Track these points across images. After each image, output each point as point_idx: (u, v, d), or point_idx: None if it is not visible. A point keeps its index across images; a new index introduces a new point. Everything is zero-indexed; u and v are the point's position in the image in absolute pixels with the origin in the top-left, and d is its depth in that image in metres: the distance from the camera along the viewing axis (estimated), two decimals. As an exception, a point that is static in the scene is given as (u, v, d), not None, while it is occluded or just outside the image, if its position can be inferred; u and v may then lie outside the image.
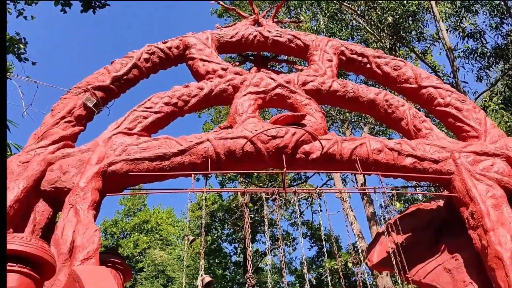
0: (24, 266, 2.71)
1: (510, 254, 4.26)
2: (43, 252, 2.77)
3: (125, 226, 28.04)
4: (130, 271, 4.71)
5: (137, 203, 29.98)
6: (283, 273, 4.76)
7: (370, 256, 5.91)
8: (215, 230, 23.45)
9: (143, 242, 26.21)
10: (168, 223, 28.88)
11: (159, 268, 23.97)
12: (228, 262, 25.36)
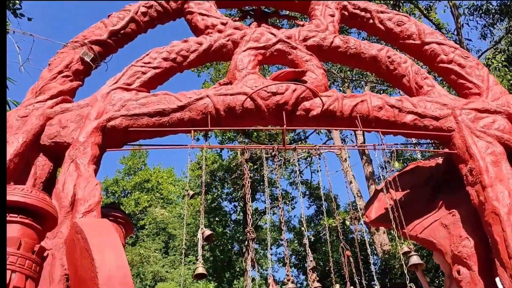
0: (25, 217, 2.73)
1: (507, 209, 4.31)
2: (44, 203, 2.79)
3: (126, 185, 28.34)
4: (131, 225, 4.78)
5: (138, 162, 30.18)
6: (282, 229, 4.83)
7: (368, 213, 5.98)
8: (215, 189, 23.71)
9: (144, 201, 26.57)
10: (168, 182, 29.18)
11: (160, 226, 24.41)
12: (228, 220, 25.79)
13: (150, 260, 20.46)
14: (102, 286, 2.92)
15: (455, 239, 4.84)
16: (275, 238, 24.38)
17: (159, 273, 19.85)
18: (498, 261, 4.23)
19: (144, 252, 20.59)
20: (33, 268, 2.64)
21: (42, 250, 2.75)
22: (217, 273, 21.87)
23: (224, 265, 23.55)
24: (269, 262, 4.26)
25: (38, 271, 2.71)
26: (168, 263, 21.24)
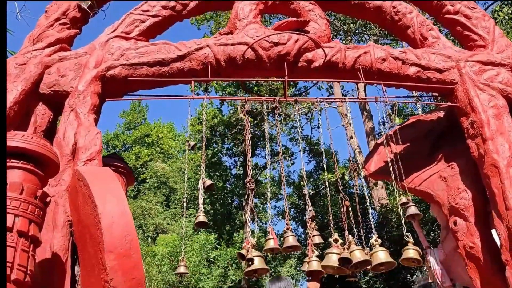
0: (27, 163, 2.74)
1: (507, 162, 4.32)
2: (45, 149, 2.79)
3: (126, 139, 28.44)
4: (132, 175, 4.82)
5: (138, 117, 30.16)
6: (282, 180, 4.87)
7: (368, 166, 6.02)
8: (215, 144, 23.80)
9: (145, 155, 26.75)
10: (168, 137, 29.26)
11: (161, 180, 24.70)
12: (228, 175, 26.07)
13: (152, 212, 20.84)
14: (105, 231, 2.97)
15: (453, 191, 4.89)
16: (275, 193, 24.75)
17: (161, 225, 20.27)
18: (495, 213, 4.29)
19: (145, 205, 20.94)
20: (36, 213, 2.68)
21: (45, 195, 2.78)
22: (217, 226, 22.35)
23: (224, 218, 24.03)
24: (269, 212, 4.32)
25: (41, 216, 2.75)
26: (169, 216, 21.65)
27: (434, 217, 10.33)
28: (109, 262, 2.95)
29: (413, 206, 4.41)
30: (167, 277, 10.91)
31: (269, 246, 3.97)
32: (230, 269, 13.60)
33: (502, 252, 4.13)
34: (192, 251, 11.98)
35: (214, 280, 11.92)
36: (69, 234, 3.47)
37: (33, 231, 2.60)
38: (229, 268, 13.62)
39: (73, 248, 3.53)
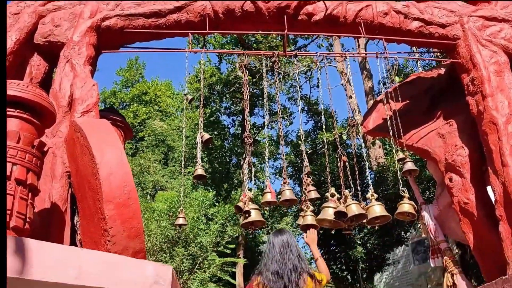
0: (23, 112, 2.71)
1: (505, 119, 4.31)
2: (41, 98, 2.75)
3: (123, 97, 28.23)
4: (130, 129, 4.80)
5: (135, 74, 29.81)
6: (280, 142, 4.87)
7: (366, 123, 6.02)
8: (214, 103, 23.67)
9: (143, 113, 26.62)
10: (166, 95, 29.03)
11: (159, 138, 24.70)
12: (226, 134, 26.07)
13: (150, 170, 20.95)
14: (103, 181, 2.99)
15: (450, 148, 4.91)
16: (272, 152, 24.86)
17: (159, 182, 20.43)
18: (491, 169, 4.32)
19: (144, 162, 21.01)
20: (34, 162, 2.67)
21: (42, 145, 2.77)
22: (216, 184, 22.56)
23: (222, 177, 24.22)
24: (266, 165, 4.34)
25: (39, 165, 2.75)
26: (168, 174, 21.78)
27: (429, 176, 10.43)
28: (108, 211, 2.98)
29: (410, 162, 4.44)
30: (166, 231, 11.11)
31: (266, 199, 4.02)
32: (228, 225, 13.83)
33: (497, 207, 4.19)
34: (190, 207, 12.13)
35: (212, 235, 12.14)
36: (68, 185, 3.49)
37: (31, 179, 2.61)
38: (227, 224, 13.84)
39: (72, 198, 3.56)
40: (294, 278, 3.04)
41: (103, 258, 2.06)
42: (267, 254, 3.25)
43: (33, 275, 1.86)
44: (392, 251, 12.70)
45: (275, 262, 3.13)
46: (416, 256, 14.58)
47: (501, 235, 4.10)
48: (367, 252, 11.00)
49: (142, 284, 2.17)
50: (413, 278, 14.62)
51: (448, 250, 5.09)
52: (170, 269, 2.28)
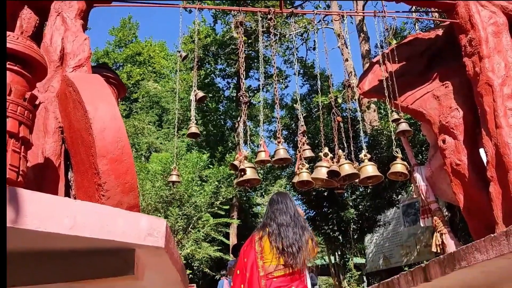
0: (14, 64, 2.65)
1: (501, 81, 4.30)
2: (31, 50, 2.69)
3: (117, 58, 27.79)
4: (124, 86, 4.74)
5: (128, 34, 29.24)
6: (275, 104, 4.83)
7: (362, 84, 5.98)
8: (208, 64, 23.40)
9: (136, 74, 26.30)
10: (160, 56, 28.62)
11: (154, 100, 24.53)
12: (221, 96, 25.92)
13: (145, 132, 20.93)
14: (97, 136, 2.97)
15: (444, 110, 4.91)
16: (267, 115, 24.82)
17: (154, 144, 20.45)
18: (485, 131, 4.34)
19: (138, 124, 20.96)
20: (26, 115, 2.64)
21: (34, 97, 2.73)
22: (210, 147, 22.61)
23: (217, 140, 24.26)
24: (261, 123, 4.34)
25: (31, 119, 2.71)
26: (162, 136, 21.78)
27: (422, 140, 10.49)
28: (102, 166, 2.98)
29: (404, 123, 4.45)
30: (161, 192, 11.21)
31: (260, 158, 4.03)
32: (222, 187, 13.96)
33: (488, 168, 4.24)
34: (185, 168, 12.20)
35: (206, 195, 12.27)
36: (61, 140, 3.47)
37: (23, 132, 2.58)
38: (221, 185, 13.97)
39: (66, 154, 3.56)
40: (301, 233, 3.22)
41: (97, 209, 2.07)
42: (276, 210, 3.35)
43: (27, 225, 1.86)
44: (383, 213, 12.93)
45: (287, 216, 3.28)
46: (406, 218, 14.86)
47: (491, 195, 4.17)
48: (358, 213, 11.18)
49: (136, 236, 2.18)
50: (402, 239, 14.95)
51: (438, 211, 5.19)
52: (164, 222, 2.29)
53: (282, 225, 3.24)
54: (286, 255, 3.13)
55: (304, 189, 4.27)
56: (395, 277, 4.49)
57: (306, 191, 11.36)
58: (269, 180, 25.06)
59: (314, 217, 11.92)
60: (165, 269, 2.84)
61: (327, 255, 15.76)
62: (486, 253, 3.02)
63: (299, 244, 3.17)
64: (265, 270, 3.15)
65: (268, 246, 3.20)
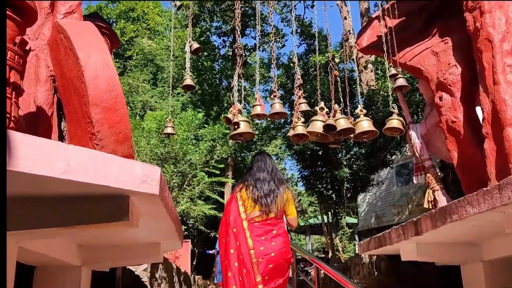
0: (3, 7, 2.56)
1: (501, 37, 4.22)
2: (20, -7, 2.60)
3: (110, 13, 27.11)
4: (117, 37, 4.63)
5: (121, -12, 28.44)
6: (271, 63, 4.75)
7: (360, 41, 5.89)
8: (204, 21, 22.93)
9: (130, 31, 25.76)
10: (155, 12, 27.97)
11: (148, 57, 24.16)
12: (216, 55, 25.58)
13: (139, 90, 20.72)
14: (89, 84, 2.92)
15: (443, 66, 4.85)
16: (263, 75, 24.59)
17: (148, 103, 20.30)
18: (482, 87, 4.30)
19: (132, 82, 20.71)
20: (16, 60, 2.57)
21: (24, 42, 2.66)
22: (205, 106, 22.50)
23: (212, 99, 24.11)
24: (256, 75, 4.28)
25: (22, 64, 2.65)
26: (157, 94, 21.58)
27: (418, 100, 10.47)
28: (95, 115, 2.95)
29: (401, 78, 4.40)
30: (155, 149, 11.21)
31: (256, 111, 4.00)
32: (217, 145, 13.98)
33: (484, 125, 4.23)
34: (180, 126, 12.15)
35: (201, 153, 12.30)
36: (53, 89, 3.42)
37: (14, 78, 2.53)
38: (216, 144, 13.98)
39: (59, 104, 3.51)
40: (275, 187, 3.83)
41: (91, 154, 2.05)
42: (256, 167, 3.98)
43: (20, 167, 1.84)
44: (377, 173, 13.06)
45: (265, 173, 3.90)
46: (399, 178, 15.04)
47: (486, 152, 4.18)
48: (352, 173, 11.28)
49: (131, 183, 2.17)
50: (395, 198, 15.19)
51: (431, 168, 5.21)
52: (159, 170, 2.29)
53: (259, 180, 3.85)
54: (260, 204, 3.76)
55: (300, 143, 4.26)
56: (386, 231, 4.57)
57: (301, 150, 11.41)
58: (264, 140, 25.13)
59: (308, 176, 12.03)
60: (160, 218, 2.86)
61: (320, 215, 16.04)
62: (478, 206, 3.05)
63: (273, 195, 3.77)
64: (246, 215, 3.78)
65: (246, 196, 3.84)
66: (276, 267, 3.65)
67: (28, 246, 2.64)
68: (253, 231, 3.69)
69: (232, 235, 3.72)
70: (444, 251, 4.28)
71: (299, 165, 12.35)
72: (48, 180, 1.96)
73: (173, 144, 11.58)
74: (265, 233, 3.70)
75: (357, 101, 8.91)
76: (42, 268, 3.54)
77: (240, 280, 3.56)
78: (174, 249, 6.12)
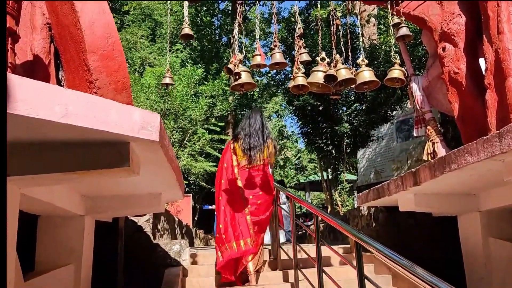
0: None
1: (507, -16, 4.11)
2: None
3: (106, -34, 26.28)
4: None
5: None
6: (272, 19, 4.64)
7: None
8: (202, -26, 22.24)
9: (127, -16, 25.06)
10: (152, -35, 27.07)
11: (146, 12, 23.59)
12: (216, 9, 25.01)
13: (138, 46, 20.35)
14: (85, 30, 2.87)
15: (447, 16, 4.75)
16: (263, 30, 24.14)
17: (147, 59, 19.99)
18: (486, 37, 4.22)
19: (130, 37, 20.31)
20: (11, 4, 2.51)
21: (17, -14, 2.58)
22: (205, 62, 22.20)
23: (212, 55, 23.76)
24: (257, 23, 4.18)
25: (17, 9, 2.59)
26: (156, 50, 21.22)
27: (422, 53, 10.32)
28: (92, 63, 2.91)
29: (404, 27, 4.31)
30: (155, 105, 11.16)
31: (256, 61, 3.94)
32: (217, 101, 13.90)
33: (486, 75, 4.19)
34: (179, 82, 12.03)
35: (201, 109, 12.25)
36: (49, 37, 3.35)
37: (9, 23, 2.47)
38: (216, 100, 13.90)
39: (56, 54, 3.45)
40: (262, 141, 4.61)
41: (90, 99, 2.03)
42: (247, 123, 4.72)
43: (18, 110, 1.83)
44: (377, 128, 13.06)
45: (253, 128, 4.64)
46: (399, 134, 15.04)
47: (487, 103, 4.16)
48: (353, 128, 11.27)
49: (130, 128, 2.16)
50: (395, 154, 15.26)
51: (432, 120, 5.21)
52: (158, 116, 2.27)
53: (248, 134, 4.61)
54: (248, 154, 4.56)
55: (300, 94, 4.21)
56: (385, 183, 4.62)
57: (302, 106, 11.35)
58: (264, 97, 24.98)
59: (309, 132, 12.03)
60: (160, 166, 2.88)
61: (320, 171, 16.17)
62: (477, 155, 3.06)
63: (258, 148, 4.54)
64: (238, 163, 4.63)
65: (238, 147, 4.65)
66: (262, 204, 4.55)
67: (31, 193, 2.66)
68: (243, 176, 4.57)
69: (226, 177, 4.61)
70: (442, 202, 4.33)
71: (300, 121, 12.32)
72: (47, 124, 1.95)
73: (173, 100, 11.51)
74: (253, 177, 4.57)
75: (359, 54, 8.80)
76: (46, 217, 3.60)
77: (231, 213, 4.46)
78: (175, 200, 6.21)
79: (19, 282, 2.63)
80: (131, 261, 4.51)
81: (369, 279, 2.57)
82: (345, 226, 2.77)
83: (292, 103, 11.70)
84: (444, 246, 5.02)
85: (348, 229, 2.72)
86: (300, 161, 29.91)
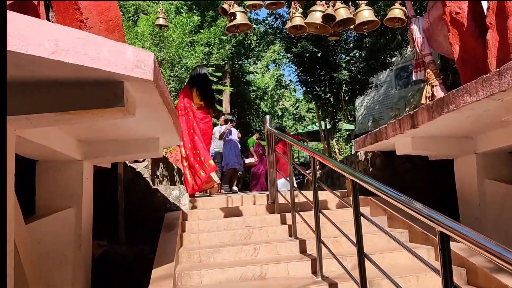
0: None
1: None
2: None
3: None
4: None
5: None
6: None
7: None
8: None
9: None
10: None
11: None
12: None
13: (131, -7, 19.74)
14: (73, -33, 2.74)
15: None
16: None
17: (141, 7, 19.44)
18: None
19: (123, -16, 19.65)
20: None
21: None
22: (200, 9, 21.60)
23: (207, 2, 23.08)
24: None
25: None
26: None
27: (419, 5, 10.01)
28: (82, 1, 2.81)
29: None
30: (151, 53, 10.94)
31: (252, 1, 3.82)
32: (214, 49, 13.64)
33: (488, 15, 4.08)
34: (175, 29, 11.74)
35: (197, 57, 12.04)
36: (36, -25, 3.22)
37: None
38: (213, 48, 13.63)
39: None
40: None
41: (80, 35, 1.96)
42: (204, 76, 6.28)
43: (8, 46, 1.77)
44: (376, 76, 12.91)
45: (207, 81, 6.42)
46: (398, 81, 14.89)
47: (488, 43, 4.08)
48: (351, 75, 11.14)
49: (123, 67, 2.11)
50: (393, 102, 15.19)
51: (431, 63, 5.12)
52: (152, 55, 2.22)
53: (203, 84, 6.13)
54: (204, 100, 6.06)
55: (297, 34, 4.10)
56: (382, 126, 4.61)
57: (300, 53, 11.16)
58: (262, 46, 24.53)
59: (307, 80, 11.90)
60: (156, 108, 2.84)
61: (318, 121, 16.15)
62: (476, 94, 3.03)
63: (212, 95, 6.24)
64: (195, 104, 6.01)
65: (195, 93, 6.00)
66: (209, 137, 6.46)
67: (26, 135, 2.65)
68: (197, 115, 6.01)
69: (185, 115, 5.93)
70: (439, 144, 4.34)
71: (298, 69, 12.15)
72: (37, 60, 1.90)
73: (168, 48, 11.28)
74: (204, 118, 6.13)
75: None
76: (44, 162, 3.60)
77: (191, 145, 5.99)
78: (173, 145, 6.25)
79: (20, 225, 2.66)
80: (131, 205, 4.58)
81: (365, 216, 2.61)
82: (341, 165, 2.78)
83: (290, 50, 11.49)
84: (440, 190, 5.09)
85: (344, 168, 2.74)
86: (298, 111, 29.83)
